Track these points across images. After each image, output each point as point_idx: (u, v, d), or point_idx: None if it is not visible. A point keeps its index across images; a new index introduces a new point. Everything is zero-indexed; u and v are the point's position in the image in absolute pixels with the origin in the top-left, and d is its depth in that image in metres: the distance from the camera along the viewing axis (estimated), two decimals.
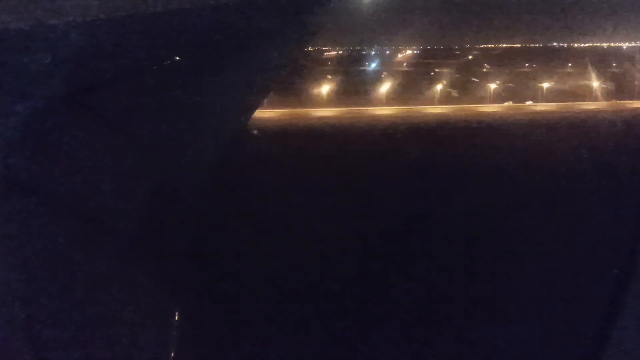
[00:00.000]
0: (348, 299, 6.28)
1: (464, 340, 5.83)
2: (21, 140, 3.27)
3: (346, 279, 6.56)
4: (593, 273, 6.14)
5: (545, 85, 11.47)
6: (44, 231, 3.39)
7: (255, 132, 7.39)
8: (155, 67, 4.52)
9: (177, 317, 4.08)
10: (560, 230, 7.60)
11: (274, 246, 6.77)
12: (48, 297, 3.06)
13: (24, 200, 3.23)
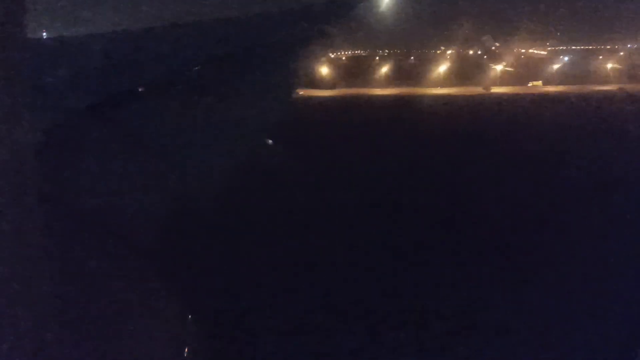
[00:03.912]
0: (366, 301, 6.30)
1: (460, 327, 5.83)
2: (43, 151, 3.34)
3: (369, 281, 6.59)
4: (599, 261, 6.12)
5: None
6: (64, 240, 3.45)
7: (270, 142, 7.54)
8: (174, 80, 4.64)
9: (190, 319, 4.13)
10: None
11: (285, 249, 6.85)
12: (61, 301, 3.10)
13: (45, 210, 3.30)
